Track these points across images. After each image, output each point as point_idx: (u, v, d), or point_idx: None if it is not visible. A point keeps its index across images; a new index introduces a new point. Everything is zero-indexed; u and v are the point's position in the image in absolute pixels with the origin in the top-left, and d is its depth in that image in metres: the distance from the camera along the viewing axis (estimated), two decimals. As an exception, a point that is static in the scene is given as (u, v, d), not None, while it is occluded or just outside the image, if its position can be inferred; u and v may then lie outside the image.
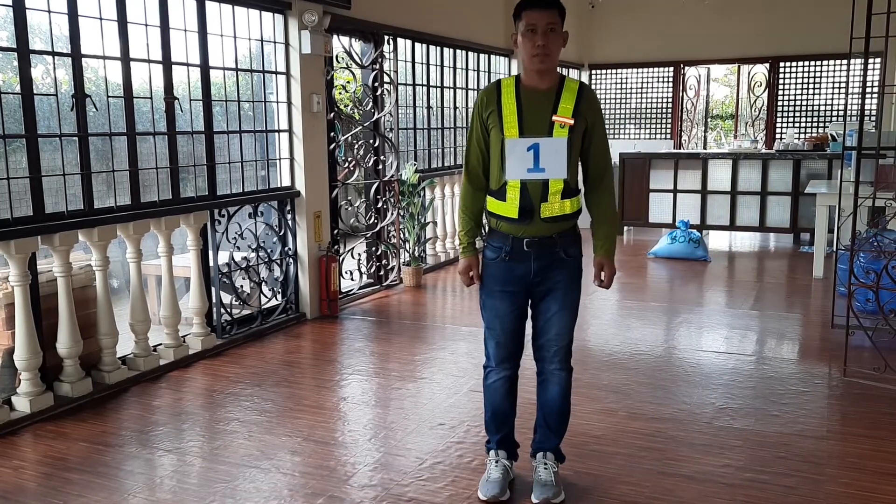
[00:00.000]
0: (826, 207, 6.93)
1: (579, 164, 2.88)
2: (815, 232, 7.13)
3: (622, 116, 11.45)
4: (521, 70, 2.86)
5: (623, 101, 11.41)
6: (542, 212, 2.78)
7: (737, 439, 3.50)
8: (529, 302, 2.94)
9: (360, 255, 6.63)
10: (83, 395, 4.06)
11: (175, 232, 4.73)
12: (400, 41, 6.85)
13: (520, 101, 2.77)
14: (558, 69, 2.86)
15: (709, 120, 12.88)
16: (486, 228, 2.97)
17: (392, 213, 6.76)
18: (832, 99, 10.28)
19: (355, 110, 6.88)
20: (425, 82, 7.46)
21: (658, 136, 11.24)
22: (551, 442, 3.04)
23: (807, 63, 10.25)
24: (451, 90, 7.96)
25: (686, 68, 11.05)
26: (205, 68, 4.82)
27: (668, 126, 11.17)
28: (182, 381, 4.42)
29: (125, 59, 4.27)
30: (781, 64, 10.35)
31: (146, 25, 4.39)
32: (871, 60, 6.23)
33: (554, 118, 2.75)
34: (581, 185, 2.91)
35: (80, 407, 3.98)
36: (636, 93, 11.34)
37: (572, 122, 2.74)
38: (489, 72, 8.75)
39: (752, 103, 11.02)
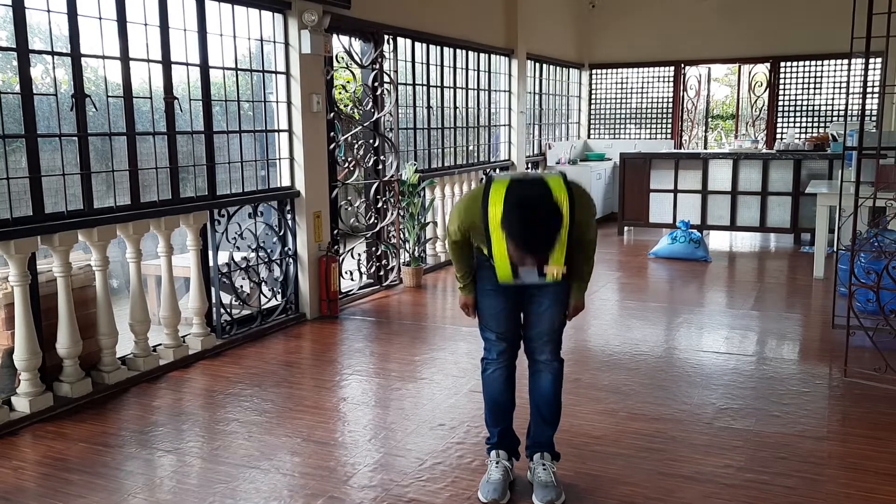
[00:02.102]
0: (827, 207, 6.92)
1: None
2: (815, 232, 7.12)
3: (622, 116, 11.45)
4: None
5: (623, 101, 11.42)
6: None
7: (737, 440, 3.49)
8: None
9: (360, 255, 6.62)
10: (83, 396, 4.06)
11: (175, 232, 4.72)
12: (400, 41, 6.84)
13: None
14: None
15: (709, 120, 12.87)
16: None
17: (392, 213, 6.75)
18: (833, 99, 10.28)
19: (355, 110, 6.87)
20: (425, 82, 7.45)
21: (658, 136, 11.24)
22: (545, 434, 3.05)
23: (807, 63, 10.25)
24: (451, 90, 7.96)
25: (686, 68, 11.05)
26: (204, 68, 4.81)
27: (669, 126, 11.17)
28: (182, 382, 4.42)
29: (125, 58, 4.26)
30: (782, 64, 10.35)
31: (146, 25, 4.38)
32: (871, 60, 6.22)
33: (545, 270, 2.72)
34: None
35: (79, 407, 3.98)
36: (636, 93, 11.34)
37: (564, 270, 2.73)
38: (489, 72, 8.75)
39: (753, 103, 11.01)
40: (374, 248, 6.71)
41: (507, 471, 3.04)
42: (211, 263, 5.00)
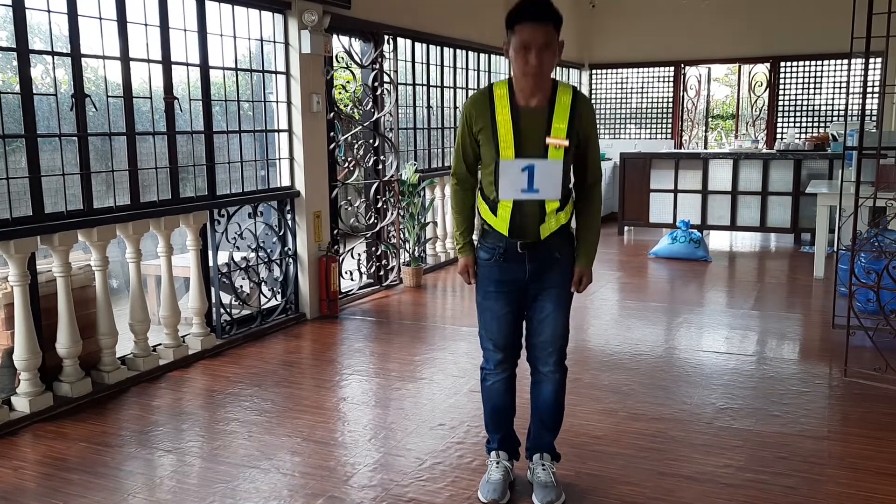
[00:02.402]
0: (827, 207, 6.92)
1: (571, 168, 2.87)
2: (815, 232, 7.12)
3: (622, 116, 11.45)
4: (511, 76, 2.76)
5: (623, 101, 11.41)
6: (542, 232, 2.77)
7: (737, 439, 3.49)
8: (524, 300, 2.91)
9: (359, 255, 6.62)
10: (83, 396, 4.06)
11: (175, 232, 4.72)
12: (400, 41, 6.84)
13: (516, 119, 2.69)
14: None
15: (709, 120, 12.87)
16: (480, 230, 2.94)
17: (392, 213, 6.75)
18: (833, 99, 10.28)
19: (355, 110, 6.87)
20: (425, 82, 7.45)
21: (659, 136, 11.23)
22: (546, 439, 3.03)
23: (807, 63, 10.25)
24: (451, 90, 7.96)
25: (686, 68, 11.04)
26: (204, 68, 4.81)
27: (669, 126, 11.17)
28: (182, 382, 4.42)
29: (125, 58, 4.26)
30: (782, 64, 10.35)
31: (146, 25, 4.38)
32: (871, 60, 6.22)
33: (548, 140, 2.68)
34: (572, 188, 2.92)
35: (79, 407, 3.98)
36: (636, 93, 11.34)
37: (567, 143, 2.69)
38: (489, 72, 8.74)
39: (753, 103, 11.01)
40: (374, 248, 6.71)
41: (508, 471, 3.03)
42: (211, 263, 5.00)
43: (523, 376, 3.05)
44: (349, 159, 6.75)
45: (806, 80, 10.31)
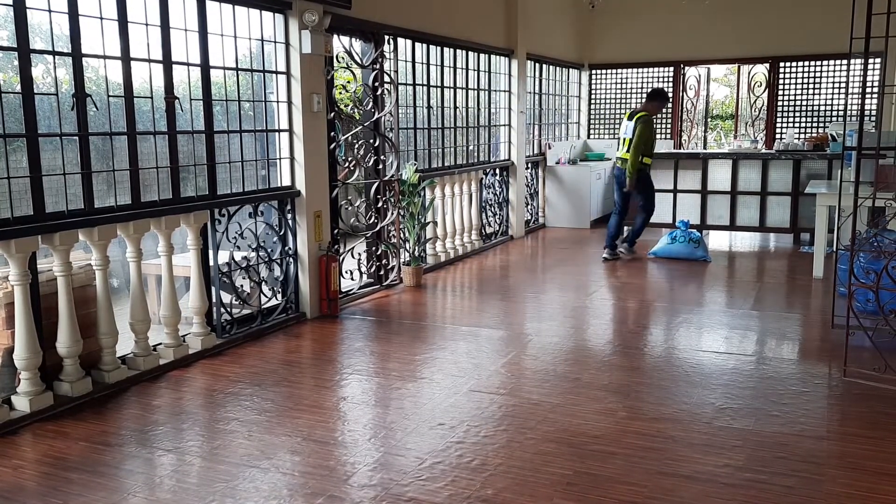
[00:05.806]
0: (826, 207, 6.93)
1: None
2: (815, 232, 7.13)
3: (622, 116, 11.44)
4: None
5: (623, 101, 11.42)
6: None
7: (737, 439, 3.50)
8: None
9: (360, 254, 6.63)
10: (83, 395, 4.06)
11: (175, 231, 4.72)
12: (400, 41, 6.85)
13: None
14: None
15: (709, 120, 12.88)
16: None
17: (392, 213, 6.76)
18: (832, 99, 10.29)
19: (355, 110, 6.88)
20: (425, 82, 7.46)
21: (658, 135, 11.22)
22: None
23: (807, 63, 10.26)
24: (451, 90, 7.96)
25: (686, 68, 11.05)
26: (205, 68, 4.82)
27: (668, 126, 11.17)
28: (182, 381, 4.42)
29: (125, 58, 4.26)
30: (781, 64, 10.36)
31: (146, 25, 4.38)
32: (871, 60, 6.23)
33: None
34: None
35: (79, 406, 3.98)
36: (636, 93, 11.34)
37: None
38: (489, 72, 8.75)
39: (752, 103, 11.02)
40: (374, 248, 6.72)
41: None
42: (211, 263, 5.01)
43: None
44: (349, 159, 6.75)
45: (805, 80, 10.32)
